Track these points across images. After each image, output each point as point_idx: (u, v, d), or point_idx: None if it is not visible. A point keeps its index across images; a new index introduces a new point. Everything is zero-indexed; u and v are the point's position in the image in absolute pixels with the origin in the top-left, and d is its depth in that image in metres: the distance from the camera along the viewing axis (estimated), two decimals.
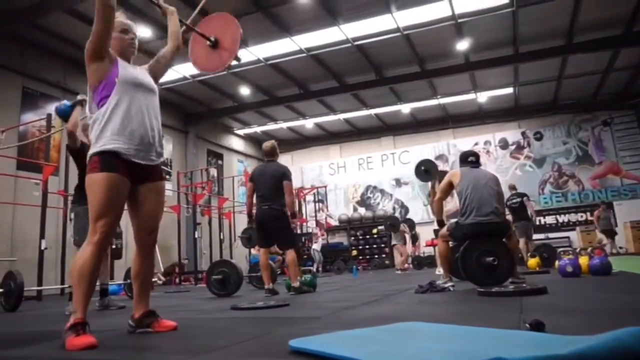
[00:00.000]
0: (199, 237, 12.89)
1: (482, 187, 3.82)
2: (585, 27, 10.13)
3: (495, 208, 3.74)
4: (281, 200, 4.83)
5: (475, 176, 3.94)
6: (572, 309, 2.23)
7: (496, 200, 3.81)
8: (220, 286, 4.99)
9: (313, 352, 1.36)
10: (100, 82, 2.16)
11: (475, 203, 3.74)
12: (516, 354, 0.92)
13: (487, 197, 3.76)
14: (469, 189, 3.82)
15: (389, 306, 2.88)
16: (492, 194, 3.82)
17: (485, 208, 3.70)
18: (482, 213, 3.70)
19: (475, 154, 4.25)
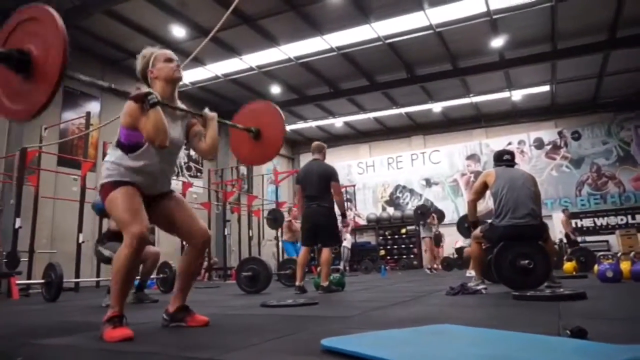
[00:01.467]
0: (228, 234, 13.09)
1: (518, 188, 3.71)
2: (631, 20, 9.68)
3: (531, 209, 3.63)
4: (328, 198, 4.92)
5: (511, 176, 3.83)
6: (614, 316, 2.14)
7: (532, 201, 3.69)
8: (249, 283, 5.04)
9: (346, 352, 1.35)
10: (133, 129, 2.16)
11: (512, 204, 3.63)
12: None
13: (524, 198, 3.65)
14: (504, 189, 3.72)
15: (421, 307, 2.84)
16: (529, 194, 3.71)
17: (521, 210, 3.60)
18: (518, 215, 3.59)
19: (511, 152, 4.15)
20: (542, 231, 3.74)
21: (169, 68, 2.30)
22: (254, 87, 13.03)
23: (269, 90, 13.15)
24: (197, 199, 12.04)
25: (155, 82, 2.31)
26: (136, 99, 2.12)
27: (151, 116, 2.07)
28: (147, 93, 2.11)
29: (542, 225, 3.75)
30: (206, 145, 2.40)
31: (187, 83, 12.35)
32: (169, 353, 1.55)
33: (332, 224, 4.92)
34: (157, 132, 2.06)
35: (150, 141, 2.09)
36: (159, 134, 2.07)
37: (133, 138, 2.17)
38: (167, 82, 2.30)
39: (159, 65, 2.30)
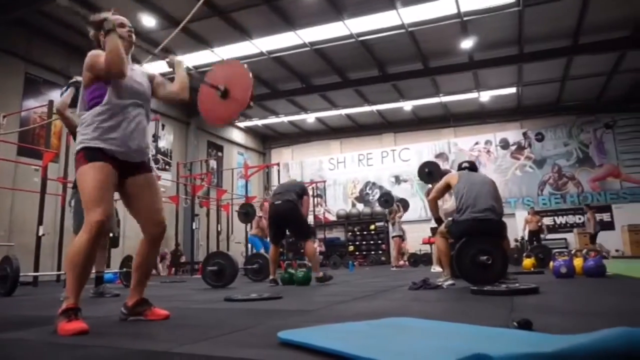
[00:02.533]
0: (197, 229, 12.92)
1: (478, 186, 3.84)
2: (592, 28, 10.09)
3: (491, 205, 3.75)
4: (293, 194, 5.16)
5: (472, 178, 3.97)
6: (562, 310, 2.24)
7: (492, 197, 3.82)
8: (215, 277, 5.00)
9: (301, 344, 1.37)
10: (93, 81, 2.16)
11: (471, 200, 3.75)
12: (500, 351, 0.93)
13: (484, 194, 3.77)
14: (465, 187, 3.84)
15: (382, 302, 2.89)
16: (488, 191, 3.84)
17: (480, 204, 3.72)
18: (477, 209, 3.71)
19: (472, 162, 4.33)
20: (502, 228, 3.86)
21: (121, 32, 2.24)
22: None
23: None
24: (165, 193, 11.82)
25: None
26: (93, 23, 2.13)
27: (108, 43, 2.06)
28: (104, 18, 2.10)
29: (501, 222, 3.88)
30: (176, 86, 2.43)
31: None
32: (123, 346, 1.53)
33: (299, 217, 5.10)
34: (113, 58, 2.04)
35: (108, 69, 2.06)
36: (115, 60, 2.04)
37: (96, 91, 2.14)
38: None
39: None
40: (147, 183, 2.28)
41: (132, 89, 2.21)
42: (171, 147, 13.67)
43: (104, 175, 2.06)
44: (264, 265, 6.31)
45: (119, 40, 2.09)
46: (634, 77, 12.82)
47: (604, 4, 9.23)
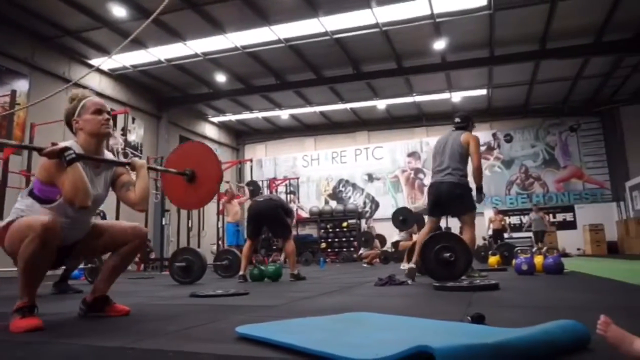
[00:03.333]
0: (167, 224, 12.73)
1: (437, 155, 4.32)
2: (559, 34, 10.40)
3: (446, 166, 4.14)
4: (277, 202, 5.37)
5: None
6: (518, 304, 2.33)
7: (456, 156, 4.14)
8: (183, 274, 4.95)
9: (257, 338, 1.38)
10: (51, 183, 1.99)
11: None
12: (447, 344, 0.96)
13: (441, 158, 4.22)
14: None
15: (347, 297, 2.93)
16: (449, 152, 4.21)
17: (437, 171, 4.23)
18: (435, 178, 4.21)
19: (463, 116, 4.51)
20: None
21: (96, 121, 2.12)
22: (198, 74, 12.70)
23: (214, 78, 12.88)
24: None
25: (79, 132, 2.13)
26: (50, 155, 1.92)
27: (69, 175, 1.90)
28: (64, 149, 1.92)
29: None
30: (136, 196, 2.20)
31: (127, 66, 11.82)
32: (77, 342, 1.50)
33: (280, 216, 5.19)
34: (77, 192, 1.91)
35: (70, 202, 1.93)
36: (78, 194, 1.91)
37: (48, 194, 1.99)
38: (92, 136, 2.13)
39: (86, 116, 2.11)
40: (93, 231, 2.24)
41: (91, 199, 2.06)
42: (141, 141, 13.39)
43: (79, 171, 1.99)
44: (234, 261, 6.27)
45: (82, 172, 1.95)
46: (596, 82, 13.30)
47: (570, 12, 9.53)
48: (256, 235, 5.47)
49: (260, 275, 5.26)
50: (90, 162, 2.12)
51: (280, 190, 15.75)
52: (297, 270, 5.15)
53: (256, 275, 5.26)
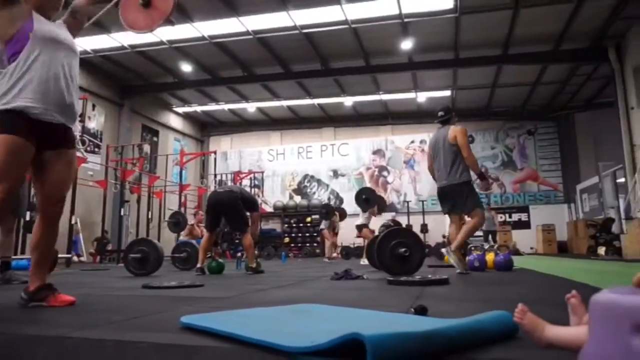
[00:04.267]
0: (126, 215, 12.39)
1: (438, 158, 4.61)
2: (521, 40, 10.76)
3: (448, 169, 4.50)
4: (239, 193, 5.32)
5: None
6: (463, 298, 2.42)
7: (450, 155, 4.47)
8: (138, 265, 4.85)
9: (200, 327, 1.38)
10: (13, 35, 2.04)
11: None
12: (380, 331, 1.00)
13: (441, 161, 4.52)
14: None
15: (301, 290, 2.96)
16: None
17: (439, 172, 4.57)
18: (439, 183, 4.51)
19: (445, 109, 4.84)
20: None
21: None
22: (163, 63, 12.39)
23: (180, 68, 12.61)
24: (93, 177, 11.22)
25: None
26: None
27: None
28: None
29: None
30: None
31: (88, 50, 11.38)
32: (12, 332, 1.46)
33: (238, 208, 5.19)
34: None
35: None
36: None
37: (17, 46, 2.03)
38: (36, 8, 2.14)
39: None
40: (65, 159, 2.18)
41: (55, 36, 2.13)
42: (102, 129, 12.96)
43: (16, 152, 1.95)
44: (192, 254, 6.20)
45: None
46: (554, 89, 13.86)
47: (531, 20, 9.88)
48: (214, 227, 5.44)
49: (218, 268, 5.26)
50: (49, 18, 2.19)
51: (245, 183, 15.62)
52: (255, 263, 5.14)
53: (214, 268, 5.25)
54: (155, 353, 1.13)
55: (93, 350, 1.19)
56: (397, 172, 16.39)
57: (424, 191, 15.93)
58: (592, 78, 12.84)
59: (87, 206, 11.56)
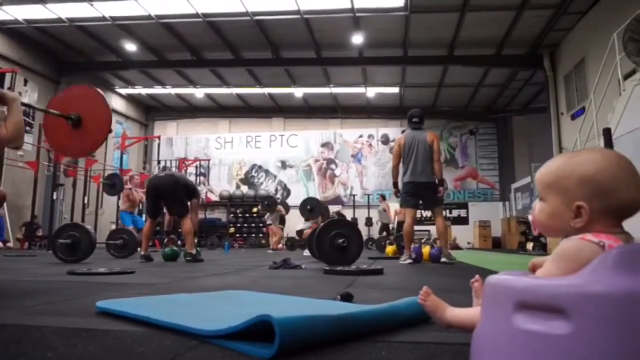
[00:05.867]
0: (61, 199, 11.73)
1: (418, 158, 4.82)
2: (466, 42, 11.18)
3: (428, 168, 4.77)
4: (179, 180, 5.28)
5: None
6: (392, 286, 2.49)
7: (428, 156, 4.78)
8: (67, 252, 4.60)
9: (116, 312, 1.33)
10: None
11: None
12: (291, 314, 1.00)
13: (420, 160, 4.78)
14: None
15: (236, 278, 2.93)
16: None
17: (417, 169, 4.76)
18: (415, 179, 4.69)
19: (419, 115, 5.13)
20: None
21: None
22: (105, 40, 11.77)
23: (123, 47, 12.03)
24: (23, 157, 10.49)
25: None
26: None
27: None
28: None
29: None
30: (7, 132, 2.01)
31: (20, 20, 10.59)
32: None
33: (178, 193, 5.14)
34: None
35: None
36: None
37: None
38: None
39: None
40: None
41: None
42: None
43: None
44: (129, 241, 5.98)
45: None
46: (494, 92, 14.56)
47: (476, 23, 10.29)
48: (156, 214, 5.35)
49: (172, 256, 5.21)
50: None
51: (190, 171, 15.23)
52: (194, 250, 5.04)
53: (168, 255, 5.18)
54: (59, 337, 1.08)
55: None
56: (344, 166, 16.60)
57: (370, 185, 16.25)
58: (529, 83, 13.61)
59: (16, 188, 10.82)
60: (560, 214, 0.71)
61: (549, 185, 0.73)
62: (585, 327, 0.62)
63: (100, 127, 2.57)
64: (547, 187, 0.73)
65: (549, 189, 0.73)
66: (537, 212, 0.76)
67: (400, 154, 4.95)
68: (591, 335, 0.61)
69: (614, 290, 0.62)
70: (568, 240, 0.70)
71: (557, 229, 0.74)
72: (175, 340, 1.05)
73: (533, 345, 0.66)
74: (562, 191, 0.71)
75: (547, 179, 0.74)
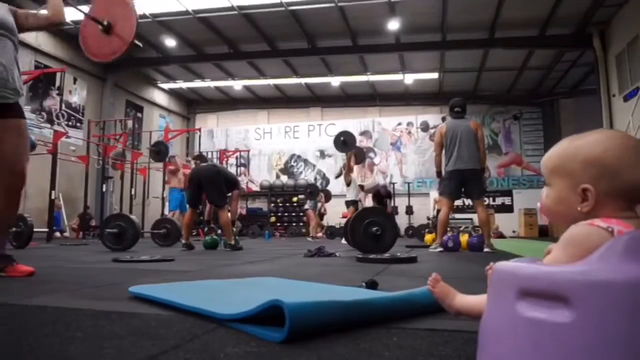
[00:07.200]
0: (110, 191, 12.31)
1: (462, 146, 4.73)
2: (507, 24, 10.72)
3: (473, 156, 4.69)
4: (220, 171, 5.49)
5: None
6: (423, 275, 2.46)
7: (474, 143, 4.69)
8: (115, 240, 4.85)
9: (146, 297, 1.40)
10: None
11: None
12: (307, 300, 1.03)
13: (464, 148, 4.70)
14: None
15: (268, 265, 2.99)
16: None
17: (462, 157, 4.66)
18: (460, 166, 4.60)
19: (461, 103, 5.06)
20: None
21: None
22: (146, 37, 12.12)
23: (164, 42, 12.37)
24: (75, 152, 11.08)
25: None
26: None
27: None
28: None
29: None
30: (49, 10, 2.20)
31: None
32: None
33: (218, 182, 5.27)
34: None
35: None
36: None
37: None
38: None
39: None
40: (14, 129, 2.15)
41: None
42: (84, 104, 12.75)
43: None
44: (172, 230, 6.22)
45: None
46: (539, 74, 13.91)
47: (518, 2, 9.82)
48: (196, 203, 5.52)
49: (212, 244, 5.39)
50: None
51: (231, 162, 15.56)
52: (233, 240, 5.17)
53: (209, 243, 5.37)
54: (91, 319, 1.15)
55: (32, 316, 1.20)
56: (383, 154, 16.44)
57: (409, 173, 16.03)
58: (577, 64, 12.90)
59: (70, 182, 11.45)
60: (566, 198, 0.69)
61: (553, 169, 0.71)
62: (587, 316, 0.60)
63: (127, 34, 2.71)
64: (552, 172, 0.71)
65: (553, 174, 0.71)
66: (544, 198, 0.74)
67: (442, 143, 4.88)
68: (593, 324, 0.59)
69: (619, 278, 0.59)
70: (576, 226, 0.67)
71: (564, 214, 0.71)
72: (196, 323, 1.09)
73: (535, 333, 0.65)
74: (567, 175, 0.68)
75: (551, 163, 0.71)
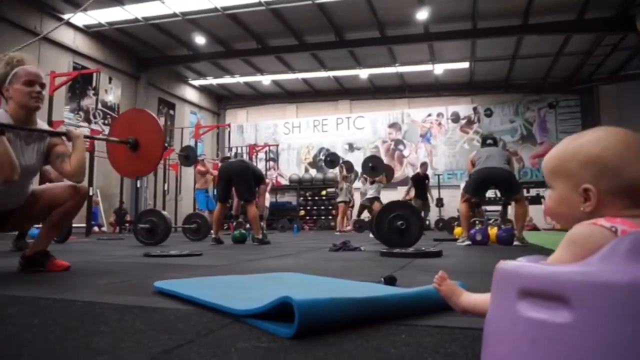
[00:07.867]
0: (145, 187, 12.70)
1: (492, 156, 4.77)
2: (541, 9, 10.34)
3: (502, 163, 4.64)
4: (249, 166, 5.61)
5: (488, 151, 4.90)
6: (447, 270, 2.44)
7: (504, 159, 4.69)
8: (147, 235, 5.02)
9: (169, 292, 1.46)
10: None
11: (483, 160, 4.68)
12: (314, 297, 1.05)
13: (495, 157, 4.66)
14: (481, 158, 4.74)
15: (291, 260, 3.03)
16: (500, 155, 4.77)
17: (491, 162, 4.59)
18: (488, 165, 4.60)
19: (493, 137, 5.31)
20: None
21: (25, 94, 2.07)
22: (177, 35, 12.39)
23: (193, 40, 12.59)
24: None
25: (9, 101, 2.09)
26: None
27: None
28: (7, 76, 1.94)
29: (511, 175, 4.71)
30: (71, 168, 2.18)
31: (103, 23, 11.46)
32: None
33: (247, 178, 5.37)
34: (1, 167, 1.90)
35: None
36: (3, 169, 1.91)
37: None
38: (20, 107, 2.09)
39: (17, 86, 2.07)
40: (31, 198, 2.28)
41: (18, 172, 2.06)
42: (119, 102, 13.16)
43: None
44: (202, 224, 6.37)
45: (6, 146, 1.91)
46: (577, 60, 13.36)
47: None
48: (226, 198, 5.61)
49: (241, 238, 5.51)
50: (22, 131, 2.11)
51: (261, 157, 15.75)
52: (261, 234, 5.26)
53: (237, 237, 5.49)
54: (116, 313, 1.21)
55: (62, 309, 1.28)
56: (413, 146, 16.24)
57: (440, 165, 15.79)
58: (619, 49, 12.31)
59: (107, 178, 11.87)
60: (568, 199, 0.68)
61: (553, 170, 0.70)
62: (587, 317, 0.60)
63: (155, 148, 2.74)
64: (552, 173, 0.70)
65: (554, 175, 0.70)
66: (547, 200, 0.73)
67: (474, 164, 4.89)
68: (593, 326, 0.59)
69: (619, 279, 0.59)
70: (578, 226, 0.67)
71: (567, 215, 0.70)
72: (213, 318, 1.13)
73: (535, 333, 0.65)
74: (567, 175, 0.67)
75: (551, 164, 0.70)
